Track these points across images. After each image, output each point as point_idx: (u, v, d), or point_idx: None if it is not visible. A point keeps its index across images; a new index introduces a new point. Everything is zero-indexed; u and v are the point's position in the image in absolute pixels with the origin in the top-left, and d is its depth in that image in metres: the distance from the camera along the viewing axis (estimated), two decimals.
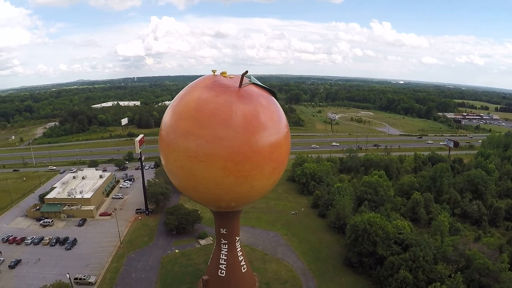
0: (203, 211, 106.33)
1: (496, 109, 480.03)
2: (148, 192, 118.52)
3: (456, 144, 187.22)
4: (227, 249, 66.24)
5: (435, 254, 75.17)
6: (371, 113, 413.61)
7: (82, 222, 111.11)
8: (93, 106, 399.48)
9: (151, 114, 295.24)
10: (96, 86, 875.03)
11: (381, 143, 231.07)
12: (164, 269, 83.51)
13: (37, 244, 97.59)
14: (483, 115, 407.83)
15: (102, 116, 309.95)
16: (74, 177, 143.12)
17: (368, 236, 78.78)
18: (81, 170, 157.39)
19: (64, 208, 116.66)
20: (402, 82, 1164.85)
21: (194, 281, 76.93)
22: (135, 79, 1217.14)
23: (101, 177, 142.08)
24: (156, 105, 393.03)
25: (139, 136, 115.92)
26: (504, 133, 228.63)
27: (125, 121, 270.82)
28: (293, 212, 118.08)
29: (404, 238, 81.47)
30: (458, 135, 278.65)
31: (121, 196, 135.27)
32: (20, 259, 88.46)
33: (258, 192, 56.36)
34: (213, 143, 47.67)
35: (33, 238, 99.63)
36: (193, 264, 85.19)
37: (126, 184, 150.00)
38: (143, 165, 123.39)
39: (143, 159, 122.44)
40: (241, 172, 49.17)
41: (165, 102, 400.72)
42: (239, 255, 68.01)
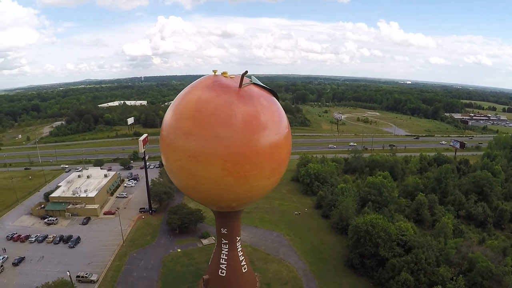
0: (206, 210, 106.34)
1: (503, 110, 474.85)
2: (152, 192, 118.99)
3: (463, 145, 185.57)
4: (227, 249, 66.12)
5: (438, 257, 74.53)
6: (377, 113, 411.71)
7: (86, 221, 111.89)
8: (100, 105, 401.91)
9: (157, 114, 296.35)
10: (103, 85, 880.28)
11: (386, 143, 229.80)
12: (166, 268, 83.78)
13: (41, 242, 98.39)
14: (490, 115, 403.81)
15: (109, 116, 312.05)
16: (79, 176, 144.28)
17: (370, 238, 78.15)
18: (86, 169, 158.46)
19: (69, 207, 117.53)
20: (410, 82, 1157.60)
21: (195, 281, 77.01)
22: (142, 79, 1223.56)
23: (105, 176, 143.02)
24: (163, 104, 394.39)
25: (143, 136, 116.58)
26: (511, 134, 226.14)
27: (131, 120, 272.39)
28: (296, 213, 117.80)
29: (407, 240, 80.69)
30: (464, 136, 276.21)
31: (125, 195, 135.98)
32: (24, 257, 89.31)
33: (258, 192, 56.18)
34: (212, 143, 47.66)
35: (37, 236, 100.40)
36: (194, 264, 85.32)
37: (131, 183, 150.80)
38: (147, 164, 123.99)
39: (147, 158, 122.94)
40: (240, 173, 49.07)
41: (171, 102, 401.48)
42: (239, 255, 67.84)
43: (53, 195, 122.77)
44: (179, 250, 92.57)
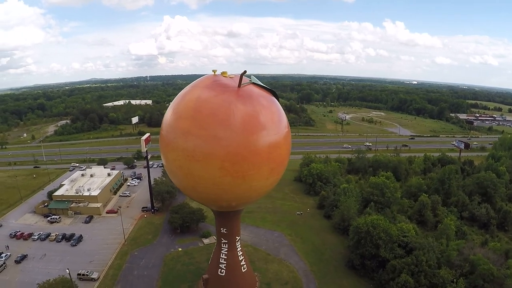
0: (207, 210, 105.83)
1: (509, 110, 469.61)
2: (154, 191, 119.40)
3: (467, 146, 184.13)
4: (227, 249, 66.14)
5: (439, 258, 74.00)
6: (382, 113, 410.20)
7: (89, 219, 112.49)
8: (105, 104, 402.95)
9: (161, 113, 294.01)
10: (109, 84, 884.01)
11: (391, 143, 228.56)
12: (166, 267, 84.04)
13: (43, 240, 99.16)
14: (496, 116, 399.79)
15: (113, 115, 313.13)
16: (82, 175, 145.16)
17: (371, 239, 77.77)
18: (90, 168, 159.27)
19: (72, 205, 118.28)
20: (415, 83, 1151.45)
21: (195, 280, 77.12)
22: (148, 78, 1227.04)
23: (109, 175, 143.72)
24: (167, 104, 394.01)
25: (145, 135, 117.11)
26: None
27: (135, 119, 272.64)
28: (298, 213, 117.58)
29: (408, 241, 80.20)
30: (470, 136, 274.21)
31: (128, 194, 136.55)
32: (26, 254, 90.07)
33: (257, 192, 56.09)
34: (210, 143, 47.65)
35: (40, 234, 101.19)
36: (195, 263, 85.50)
37: (134, 182, 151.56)
38: (149, 163, 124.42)
39: (149, 157, 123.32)
40: (238, 172, 49.00)
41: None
42: (239, 254, 67.82)
43: (56, 193, 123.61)
44: (180, 249, 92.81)
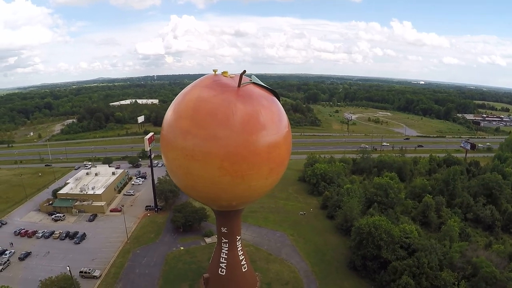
0: (210, 209, 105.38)
1: None
2: (158, 190, 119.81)
3: (473, 147, 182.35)
4: (227, 248, 66.27)
5: (442, 260, 73.36)
6: (389, 113, 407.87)
7: (93, 218, 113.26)
8: (111, 103, 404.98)
9: None
10: (116, 84, 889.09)
11: (396, 144, 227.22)
12: (168, 265, 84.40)
13: (47, 237, 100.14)
14: (503, 117, 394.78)
15: (120, 114, 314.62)
16: (87, 173, 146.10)
17: (372, 240, 77.25)
18: (95, 166, 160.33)
19: (76, 204, 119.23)
20: (423, 83, 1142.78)
21: (196, 279, 77.33)
22: (155, 77, 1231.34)
23: (113, 174, 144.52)
24: None
25: (149, 134, 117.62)
26: None
27: (141, 119, 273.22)
28: (301, 213, 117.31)
29: (411, 242, 79.51)
30: (476, 137, 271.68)
31: (132, 193, 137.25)
32: (30, 252, 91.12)
33: (257, 192, 56.07)
34: (209, 142, 47.72)
35: (44, 231, 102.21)
36: (196, 262, 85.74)
37: (139, 181, 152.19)
38: (153, 162, 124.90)
39: (153, 156, 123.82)
40: (237, 172, 48.98)
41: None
42: (239, 254, 67.82)
43: (61, 192, 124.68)
44: (182, 248, 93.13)
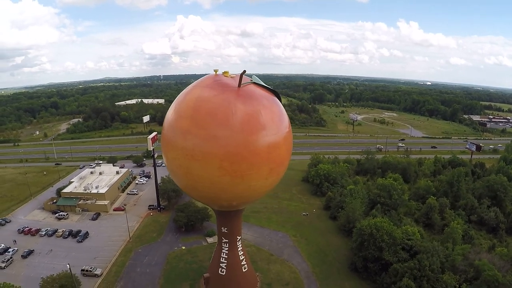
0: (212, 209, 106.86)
1: None
2: (161, 189, 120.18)
3: (479, 148, 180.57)
4: (228, 248, 66.34)
5: (443, 263, 72.67)
6: (395, 114, 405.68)
7: (96, 216, 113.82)
8: (117, 103, 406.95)
9: None
10: (122, 83, 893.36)
11: (402, 145, 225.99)
12: (169, 265, 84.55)
13: (50, 236, 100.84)
14: (510, 118, 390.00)
15: (125, 113, 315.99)
16: (91, 172, 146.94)
17: (374, 241, 76.73)
18: (99, 165, 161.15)
19: (80, 202, 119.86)
20: (429, 83, 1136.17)
21: (197, 278, 77.40)
22: (161, 77, 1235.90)
23: (117, 173, 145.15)
24: None
25: (152, 134, 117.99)
26: None
27: (146, 118, 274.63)
28: (304, 213, 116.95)
29: (413, 244, 78.71)
30: (482, 138, 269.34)
31: (136, 192, 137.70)
32: (33, 250, 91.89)
33: (257, 192, 56.03)
34: (209, 142, 47.82)
35: (47, 230, 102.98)
36: (198, 261, 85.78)
37: (142, 180, 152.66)
38: (156, 162, 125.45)
39: (155, 156, 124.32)
40: (237, 172, 49.01)
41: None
42: (240, 254, 67.84)
43: (65, 190, 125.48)
44: (183, 247, 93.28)
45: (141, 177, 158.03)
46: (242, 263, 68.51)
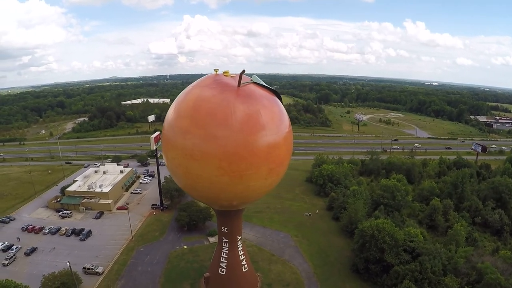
0: None
1: None
2: (164, 188, 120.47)
3: (484, 149, 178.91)
4: (228, 248, 66.29)
5: (446, 265, 71.93)
6: (401, 114, 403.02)
7: (99, 215, 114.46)
8: (123, 102, 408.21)
9: None
10: (128, 83, 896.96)
11: (407, 145, 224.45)
12: (170, 264, 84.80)
13: (54, 234, 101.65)
14: None
15: (130, 113, 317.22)
16: (96, 171, 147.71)
17: (375, 243, 76.10)
18: (103, 165, 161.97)
19: (83, 201, 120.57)
20: (436, 84, 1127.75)
21: (198, 278, 77.48)
22: (168, 77, 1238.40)
23: (121, 172, 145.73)
24: None
25: (155, 133, 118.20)
26: None
27: (152, 118, 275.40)
28: (307, 214, 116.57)
29: (415, 246, 77.91)
30: (488, 139, 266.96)
31: (139, 191, 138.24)
32: (36, 247, 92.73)
33: (256, 192, 55.84)
34: (208, 142, 47.85)
35: (50, 228, 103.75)
36: (199, 261, 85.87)
37: (146, 179, 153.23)
38: (159, 161, 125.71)
39: (158, 155, 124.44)
40: (235, 172, 48.94)
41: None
42: (240, 254, 67.75)
43: (69, 189, 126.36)
44: (185, 246, 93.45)
45: (145, 176, 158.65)
46: (242, 263, 68.43)
